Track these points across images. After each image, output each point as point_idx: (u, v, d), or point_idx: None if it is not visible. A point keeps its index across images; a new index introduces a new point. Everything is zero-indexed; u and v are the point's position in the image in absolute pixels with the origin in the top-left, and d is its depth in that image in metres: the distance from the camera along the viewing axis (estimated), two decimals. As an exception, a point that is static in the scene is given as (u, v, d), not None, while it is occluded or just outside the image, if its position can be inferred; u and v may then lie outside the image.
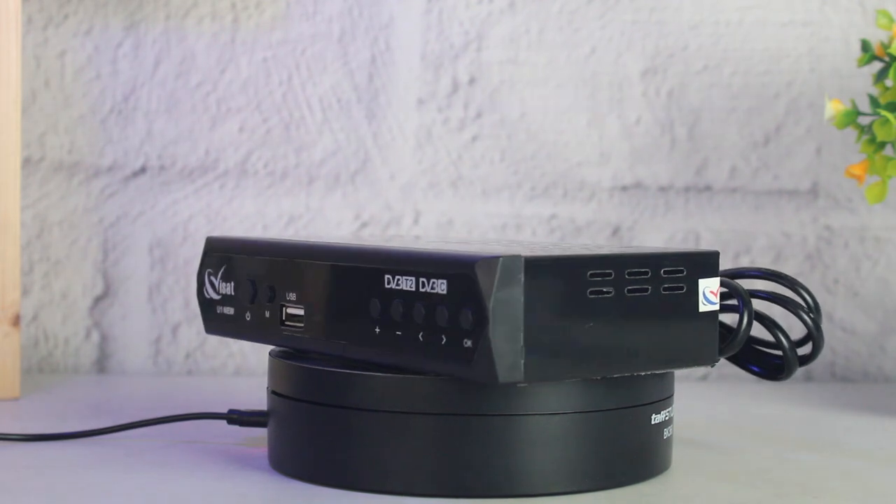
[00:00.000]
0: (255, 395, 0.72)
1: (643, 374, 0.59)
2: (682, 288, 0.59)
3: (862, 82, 0.93)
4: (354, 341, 0.59)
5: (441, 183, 0.97)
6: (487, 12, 0.96)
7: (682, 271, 0.59)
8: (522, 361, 0.54)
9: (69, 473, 0.62)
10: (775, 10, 0.97)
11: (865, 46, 0.82)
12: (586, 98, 0.97)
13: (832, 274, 0.98)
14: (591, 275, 0.56)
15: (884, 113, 0.78)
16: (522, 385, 0.55)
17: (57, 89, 0.95)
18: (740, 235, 0.97)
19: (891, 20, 0.81)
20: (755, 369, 0.66)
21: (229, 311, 0.66)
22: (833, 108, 0.81)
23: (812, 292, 0.68)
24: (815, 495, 0.60)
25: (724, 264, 0.97)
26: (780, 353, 0.66)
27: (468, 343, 0.54)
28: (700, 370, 0.97)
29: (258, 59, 0.96)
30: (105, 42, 0.95)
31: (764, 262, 0.97)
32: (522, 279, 0.53)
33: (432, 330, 0.55)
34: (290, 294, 0.62)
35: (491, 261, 0.53)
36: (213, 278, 0.67)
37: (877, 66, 0.85)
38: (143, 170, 0.96)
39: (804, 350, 0.67)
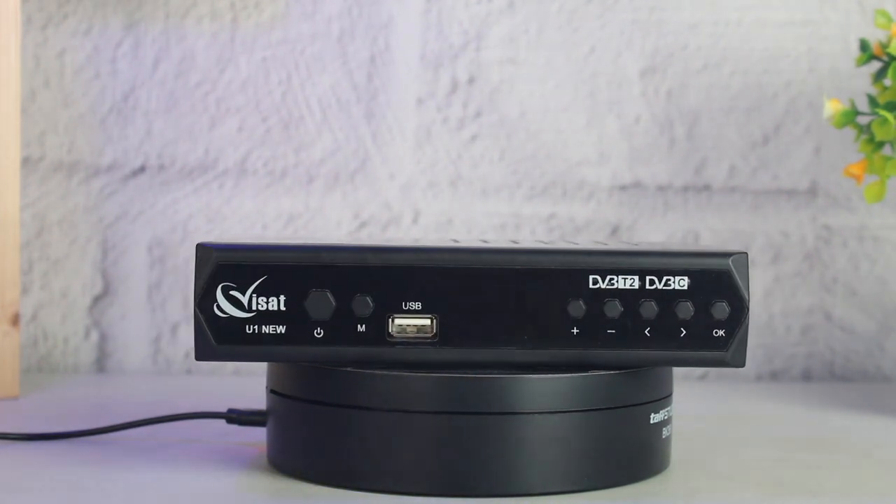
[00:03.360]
0: (255, 395, 0.72)
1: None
2: None
3: (861, 82, 0.93)
4: (534, 345, 0.59)
5: (440, 182, 0.97)
6: (486, 12, 0.96)
7: None
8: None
9: (69, 473, 0.62)
10: (774, 10, 0.97)
11: (864, 46, 0.82)
12: (585, 97, 0.97)
13: (831, 273, 0.98)
14: None
15: (882, 112, 0.78)
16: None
17: (56, 89, 0.95)
18: (739, 235, 0.97)
19: (889, 20, 0.81)
20: None
21: (275, 329, 0.59)
22: (832, 107, 0.81)
23: None
24: (814, 495, 0.60)
25: (723, 264, 0.97)
26: None
27: (719, 333, 0.59)
28: (699, 369, 0.98)
29: (257, 58, 0.96)
30: (104, 41, 0.95)
31: (763, 262, 0.97)
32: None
33: (667, 324, 0.59)
34: (410, 304, 0.59)
35: (741, 257, 0.59)
36: (234, 293, 0.59)
37: (875, 65, 0.85)
38: (142, 169, 0.96)
39: None
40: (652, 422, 0.61)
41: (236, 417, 0.67)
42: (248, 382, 0.91)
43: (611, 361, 0.59)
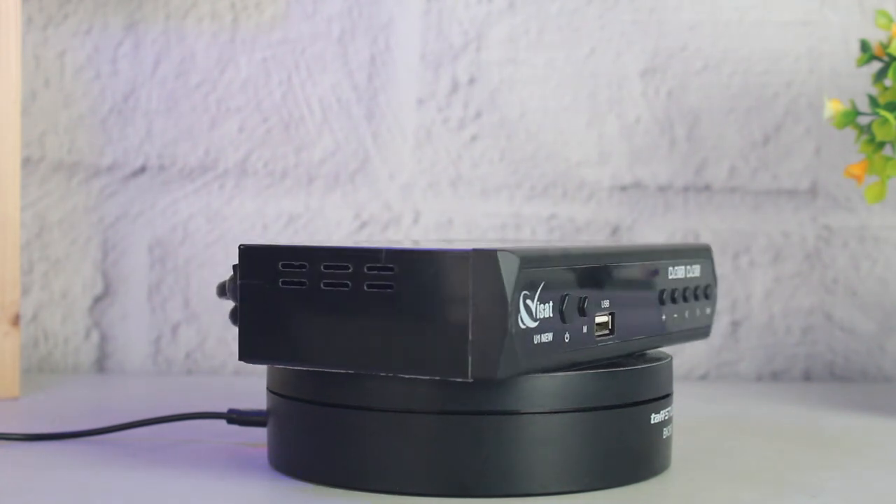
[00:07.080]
0: (255, 395, 0.73)
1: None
2: None
3: (861, 82, 0.93)
4: (648, 334, 0.64)
5: (440, 182, 0.97)
6: (487, 12, 0.96)
7: None
8: None
9: (69, 473, 0.62)
10: (774, 10, 0.97)
11: (864, 46, 0.82)
12: (586, 98, 0.97)
13: (831, 274, 0.98)
14: None
15: (883, 113, 0.78)
16: None
17: (57, 89, 0.95)
18: (739, 235, 0.97)
19: (890, 20, 0.81)
20: None
21: (546, 337, 0.56)
22: (832, 107, 0.81)
23: None
24: (814, 495, 0.60)
25: (724, 264, 0.97)
26: None
27: (708, 311, 0.69)
28: (700, 369, 0.97)
29: (258, 58, 0.96)
30: (105, 42, 0.95)
31: (763, 262, 0.97)
32: None
33: (690, 306, 0.67)
34: (604, 302, 0.59)
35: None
36: (529, 302, 0.54)
37: (876, 65, 0.85)
38: (142, 169, 0.96)
39: None
40: (652, 422, 0.61)
41: (236, 418, 0.67)
42: (248, 382, 0.91)
43: (677, 342, 0.66)
